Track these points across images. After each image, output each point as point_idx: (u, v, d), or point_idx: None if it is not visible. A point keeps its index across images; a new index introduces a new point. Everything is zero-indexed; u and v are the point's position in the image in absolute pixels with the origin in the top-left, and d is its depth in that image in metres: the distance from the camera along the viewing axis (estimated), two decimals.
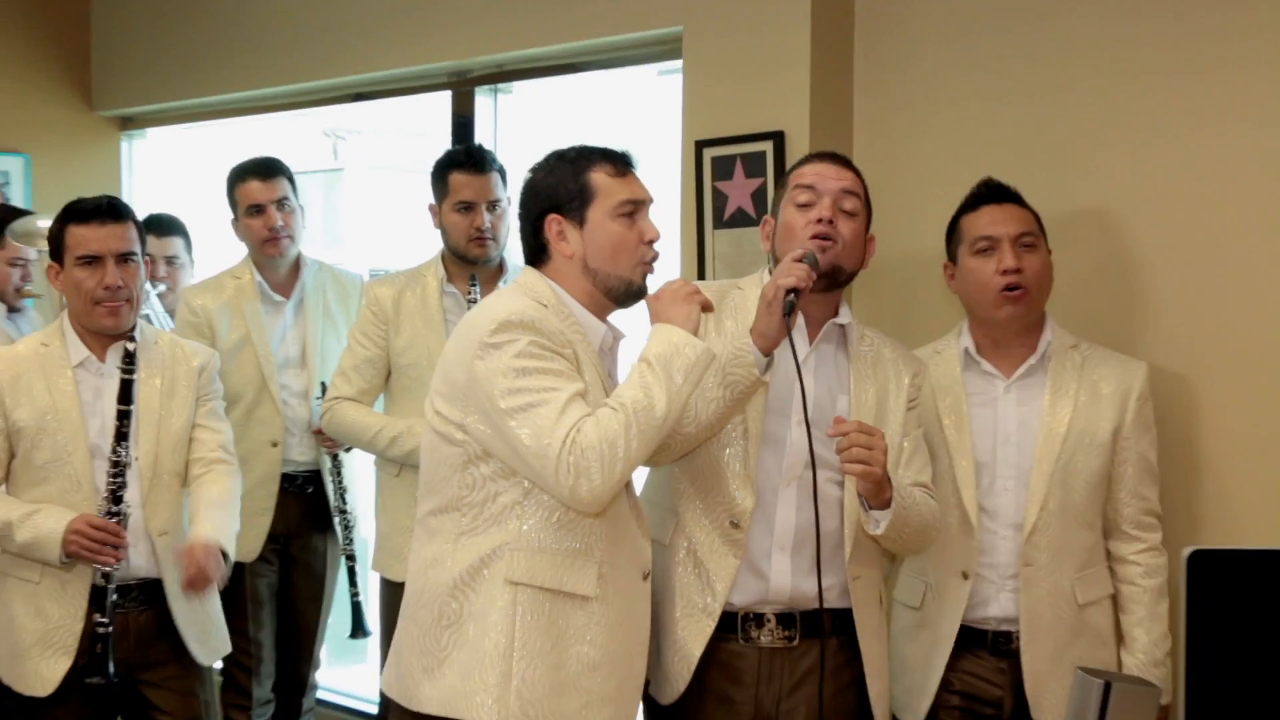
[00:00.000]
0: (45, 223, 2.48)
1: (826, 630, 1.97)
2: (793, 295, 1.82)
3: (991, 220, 2.10)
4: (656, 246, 1.85)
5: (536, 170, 1.88)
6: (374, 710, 3.11)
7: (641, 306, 1.87)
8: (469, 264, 2.75)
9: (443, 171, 2.75)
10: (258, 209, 2.96)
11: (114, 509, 2.27)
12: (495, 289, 2.72)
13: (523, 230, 1.87)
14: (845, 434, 1.83)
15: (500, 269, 2.78)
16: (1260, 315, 2.22)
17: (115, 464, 2.28)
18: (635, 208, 1.83)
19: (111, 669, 2.26)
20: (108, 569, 2.26)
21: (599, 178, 1.82)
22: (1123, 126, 2.36)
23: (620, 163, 1.85)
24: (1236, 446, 2.24)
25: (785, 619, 1.98)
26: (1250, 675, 1.54)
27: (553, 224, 1.83)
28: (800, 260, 1.86)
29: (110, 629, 2.27)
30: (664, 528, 2.01)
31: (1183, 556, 1.53)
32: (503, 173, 2.81)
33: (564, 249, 1.83)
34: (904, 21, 2.63)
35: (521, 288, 1.83)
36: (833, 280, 1.96)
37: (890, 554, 2.13)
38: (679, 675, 1.97)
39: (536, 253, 1.86)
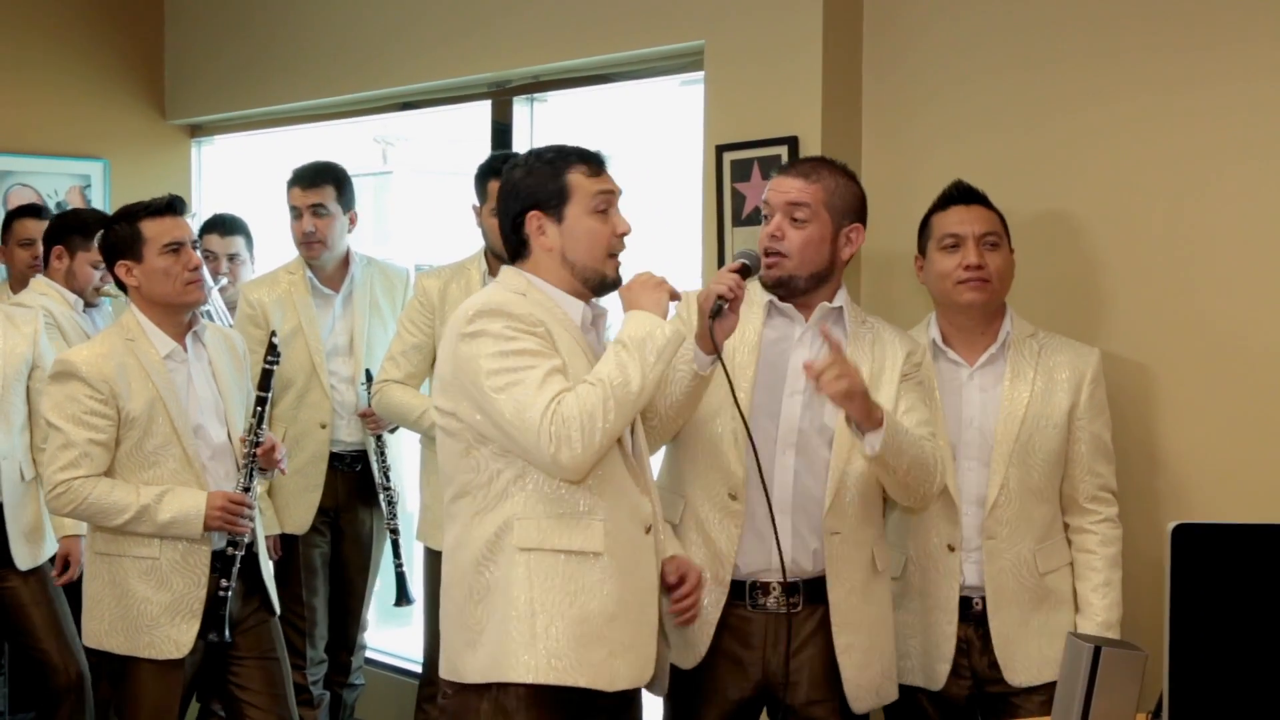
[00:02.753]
0: None
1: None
2: (722, 302, 1.86)
3: (959, 220, 2.14)
4: (627, 239, 1.87)
5: (515, 170, 1.88)
6: (416, 669, 3.14)
7: (617, 298, 1.90)
8: (505, 262, 2.77)
9: (485, 178, 2.80)
10: (296, 213, 3.01)
11: (250, 485, 2.39)
12: None
13: (502, 227, 1.89)
14: (819, 369, 1.86)
15: None
16: (1213, 307, 2.24)
17: (256, 444, 2.40)
18: (608, 202, 1.86)
19: (227, 627, 2.38)
20: (238, 538, 2.37)
21: (576, 178, 1.85)
22: (1109, 136, 2.38)
23: (595, 163, 1.87)
24: (1191, 428, 2.25)
25: (789, 587, 2.01)
26: (1232, 648, 1.52)
27: (533, 220, 1.85)
28: (736, 269, 1.91)
29: (231, 591, 2.37)
30: (675, 510, 2.06)
31: (1167, 530, 1.51)
32: None
33: (544, 243, 1.85)
34: (909, 35, 2.66)
35: (500, 285, 1.87)
36: (791, 288, 2.01)
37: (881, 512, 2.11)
38: (700, 640, 2.01)
39: (518, 248, 1.88)
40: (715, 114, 2.79)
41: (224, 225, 3.46)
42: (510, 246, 1.89)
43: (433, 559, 2.86)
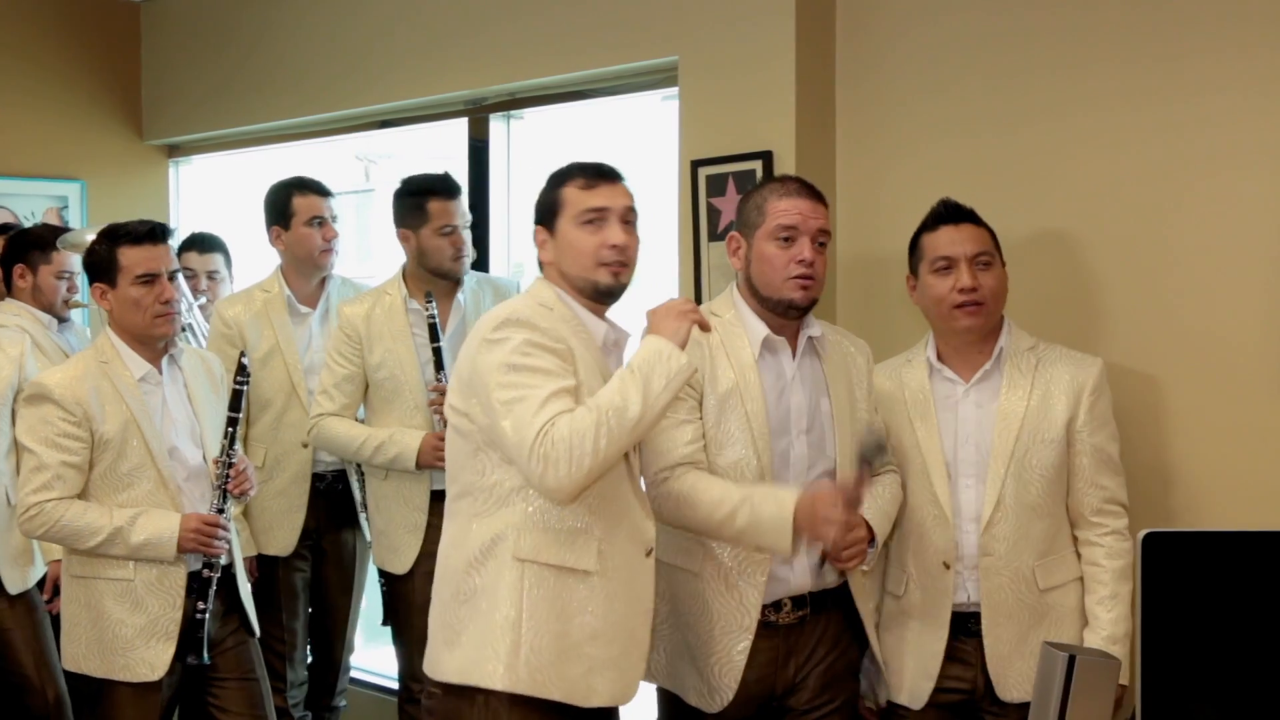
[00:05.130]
0: (93, 235, 2.54)
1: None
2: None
3: (949, 240, 2.13)
4: (621, 251, 1.88)
5: (541, 189, 1.98)
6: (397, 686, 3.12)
7: (641, 312, 1.92)
8: (447, 280, 2.81)
9: (420, 199, 2.78)
10: (319, 220, 2.99)
11: (223, 506, 2.39)
12: (453, 301, 2.80)
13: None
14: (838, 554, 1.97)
15: (457, 282, 2.85)
16: (1214, 313, 2.25)
17: (229, 464, 2.40)
18: (597, 215, 1.88)
19: (205, 649, 2.38)
20: (214, 559, 2.37)
21: (569, 191, 1.90)
22: (1082, 145, 2.40)
23: (593, 175, 1.90)
24: (1200, 437, 2.25)
25: (798, 601, 2.07)
26: (1204, 654, 1.53)
27: (537, 235, 1.94)
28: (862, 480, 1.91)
29: (209, 613, 2.37)
30: (694, 558, 2.05)
31: (1137, 539, 1.52)
32: (485, 201, 2.92)
33: (544, 256, 1.93)
34: (883, 49, 2.69)
35: (530, 294, 1.92)
36: (810, 308, 2.07)
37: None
38: (727, 686, 2.02)
39: (540, 262, 1.96)
40: (690, 129, 2.81)
41: (202, 243, 3.45)
42: (538, 260, 1.97)
43: (391, 582, 2.86)
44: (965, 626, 2.11)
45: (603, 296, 1.90)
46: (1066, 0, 2.40)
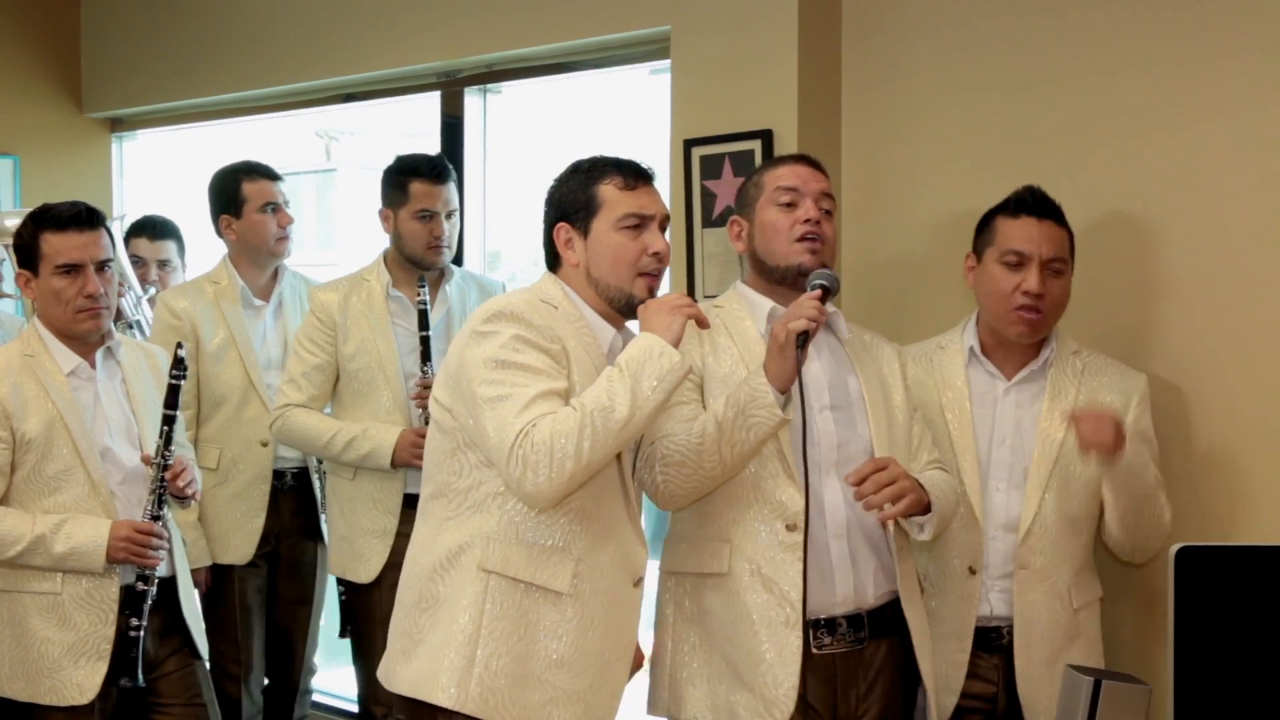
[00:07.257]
0: (16, 221, 2.48)
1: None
2: (804, 337, 1.85)
3: (1028, 235, 2.08)
4: (661, 260, 1.88)
5: (556, 180, 1.95)
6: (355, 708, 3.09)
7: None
8: (420, 269, 2.79)
9: (401, 179, 2.78)
10: (273, 206, 2.98)
11: (159, 512, 2.33)
12: (440, 291, 2.80)
13: (544, 236, 1.96)
14: (864, 478, 1.90)
15: (442, 273, 2.84)
16: (1258, 322, 2.22)
17: (164, 467, 2.33)
18: (641, 221, 1.87)
19: (140, 670, 2.32)
20: (149, 571, 2.31)
21: (607, 190, 1.88)
22: (1118, 122, 2.37)
23: (632, 175, 1.89)
24: (1238, 451, 2.24)
25: (854, 621, 2.00)
26: (1238, 669, 1.54)
27: (561, 232, 1.90)
28: (818, 296, 1.89)
29: (144, 630, 2.31)
30: (719, 558, 2.00)
31: (1169, 554, 1.53)
32: (459, 183, 2.87)
33: (570, 257, 1.90)
34: (892, 18, 2.64)
35: (534, 289, 1.91)
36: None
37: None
38: (785, 696, 1.93)
39: (552, 259, 1.94)
40: (683, 106, 2.78)
41: (154, 228, 3.41)
42: (546, 256, 1.95)
43: (352, 592, 2.82)
44: (987, 641, 2.09)
45: (632, 311, 1.87)
46: None
